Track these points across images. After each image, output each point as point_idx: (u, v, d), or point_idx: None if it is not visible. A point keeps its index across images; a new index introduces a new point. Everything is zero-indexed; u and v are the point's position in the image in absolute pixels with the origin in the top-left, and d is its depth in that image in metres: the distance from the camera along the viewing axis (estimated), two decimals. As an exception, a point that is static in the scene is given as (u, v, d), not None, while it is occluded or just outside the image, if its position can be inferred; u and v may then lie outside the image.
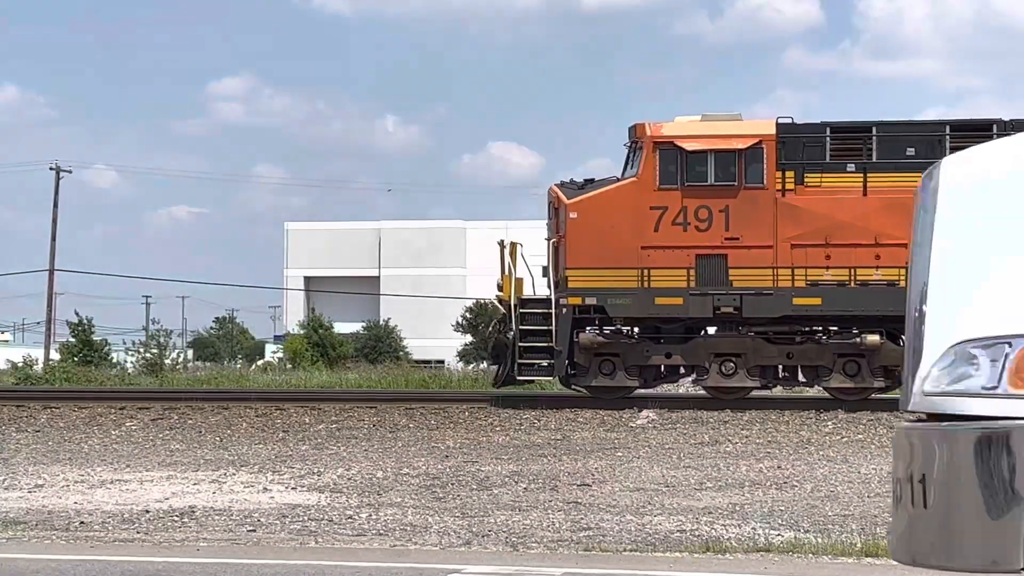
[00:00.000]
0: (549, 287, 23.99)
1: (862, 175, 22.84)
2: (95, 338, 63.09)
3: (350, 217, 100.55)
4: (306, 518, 12.27)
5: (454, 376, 40.30)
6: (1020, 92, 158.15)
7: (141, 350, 54.44)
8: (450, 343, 71.93)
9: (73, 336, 62.99)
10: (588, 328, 23.40)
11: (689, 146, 22.80)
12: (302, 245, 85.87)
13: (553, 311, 23.25)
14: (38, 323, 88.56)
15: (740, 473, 15.84)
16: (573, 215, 23.27)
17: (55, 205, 68.86)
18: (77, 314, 63.22)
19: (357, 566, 9.61)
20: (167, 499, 13.65)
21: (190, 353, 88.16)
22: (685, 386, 33.08)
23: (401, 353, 68.39)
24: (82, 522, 12.10)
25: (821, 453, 18.08)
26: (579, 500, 13.51)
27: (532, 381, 25.63)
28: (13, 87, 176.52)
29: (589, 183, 23.80)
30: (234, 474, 15.80)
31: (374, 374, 42.73)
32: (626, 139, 23.98)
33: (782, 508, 13.03)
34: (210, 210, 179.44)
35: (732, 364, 23.07)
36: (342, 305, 78.64)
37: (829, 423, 21.06)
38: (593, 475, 15.59)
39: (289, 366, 60.18)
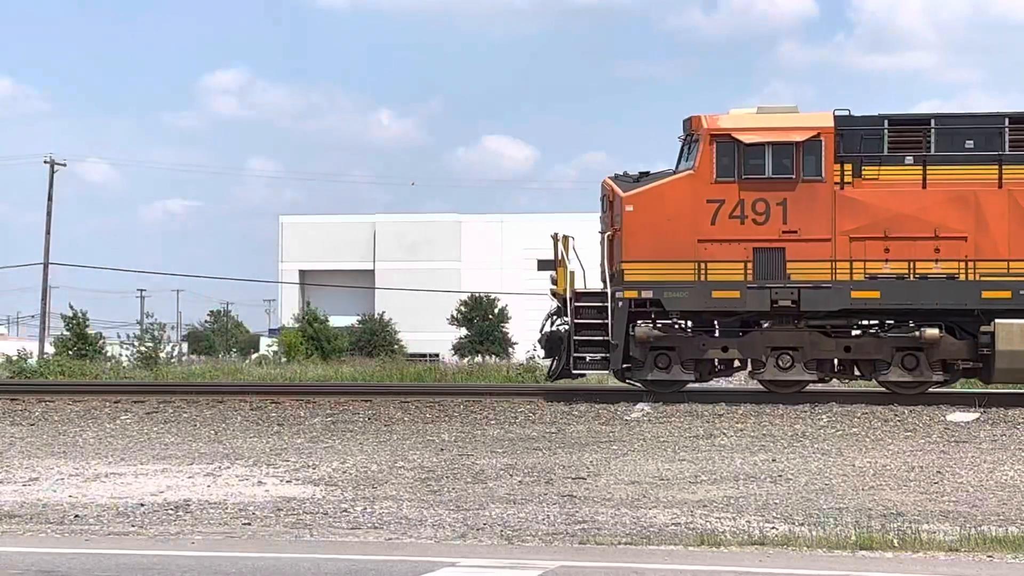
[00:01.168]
0: (604, 280, 23.76)
1: (921, 168, 22.68)
2: (90, 331, 63.03)
3: (345, 211, 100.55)
4: (301, 511, 12.27)
5: (449, 369, 40.32)
6: (1013, 85, 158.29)
7: (136, 343, 54.42)
8: (445, 336, 71.95)
9: (68, 329, 62.93)
10: (643, 321, 23.19)
11: (746, 138, 22.63)
12: (297, 239, 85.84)
13: (609, 305, 22.99)
14: (33, 317, 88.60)
15: (735, 466, 15.86)
16: (629, 208, 23.03)
17: (49, 198, 68.79)
18: (72, 307, 63.19)
19: (352, 559, 9.61)
20: (162, 492, 13.64)
21: (185, 346, 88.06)
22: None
23: (396, 346, 68.41)
24: (77, 515, 12.09)
25: (816, 446, 18.10)
26: (574, 493, 13.52)
27: (584, 375, 25.30)
28: (6, 80, 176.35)
29: (644, 176, 23.59)
30: (229, 467, 15.79)
31: (369, 367, 42.71)
32: (680, 132, 23.76)
33: (777, 501, 13.04)
34: (204, 203, 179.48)
35: (789, 358, 22.85)
36: (337, 299, 78.64)
37: (823, 416, 21.07)
38: (588, 468, 15.59)
39: (284, 359, 60.19)
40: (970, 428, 20.11)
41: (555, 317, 24.19)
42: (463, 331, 71.45)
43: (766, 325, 23.35)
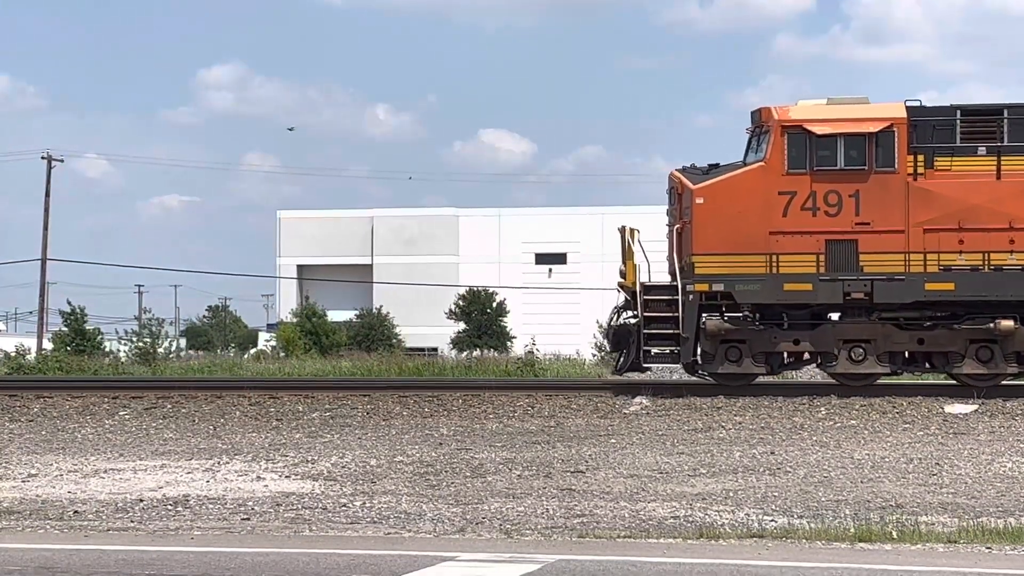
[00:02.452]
0: (672, 273, 23.48)
1: (995, 158, 22.49)
2: (88, 327, 63.03)
3: (342, 205, 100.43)
4: (300, 506, 12.28)
5: (447, 364, 40.30)
6: (1009, 77, 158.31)
7: (134, 339, 54.41)
8: (443, 331, 71.88)
9: (66, 325, 62.93)
10: (713, 314, 22.91)
11: (818, 130, 22.47)
12: (295, 233, 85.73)
13: (680, 298, 22.79)
14: (31, 312, 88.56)
15: (733, 459, 15.87)
16: (699, 200, 22.89)
17: (47, 194, 68.74)
18: (70, 303, 63.20)
19: (351, 554, 9.62)
20: (161, 488, 13.65)
21: (183, 342, 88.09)
22: (678, 372, 33.06)
23: (394, 341, 68.33)
24: (76, 511, 12.10)
25: (814, 439, 18.11)
26: (573, 487, 13.53)
27: (650, 368, 25.02)
28: (3, 76, 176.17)
29: (714, 168, 23.42)
30: (228, 463, 15.80)
31: (367, 362, 42.70)
32: (748, 123, 23.62)
33: (775, 494, 13.05)
34: (202, 199, 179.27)
35: (861, 350, 22.67)
36: (335, 293, 78.57)
37: (822, 409, 21.08)
38: (587, 462, 15.60)
39: (282, 354, 60.15)
40: (968, 420, 20.12)
41: (622, 310, 23.97)
42: (461, 325, 71.40)
43: (835, 317, 23.17)
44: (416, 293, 75.90)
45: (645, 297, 23.12)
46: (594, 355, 55.97)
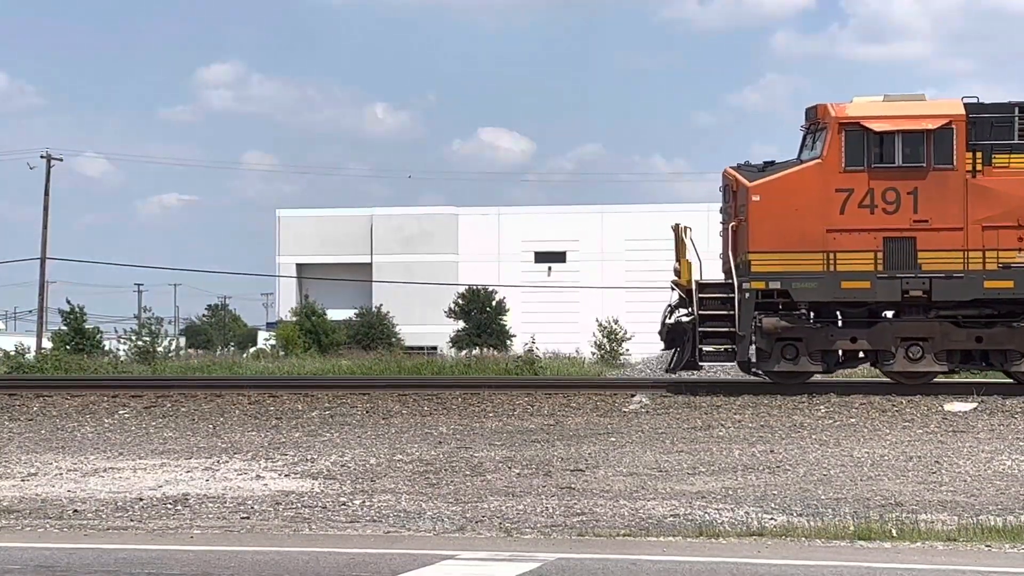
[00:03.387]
0: (726, 271, 23.36)
1: None
2: (87, 326, 63.06)
3: (341, 204, 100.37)
4: (300, 505, 12.28)
5: (447, 362, 40.32)
6: (1007, 75, 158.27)
7: (133, 338, 54.44)
8: (443, 329, 71.91)
9: (65, 324, 62.96)
10: (770, 312, 22.78)
11: (876, 127, 22.38)
12: (294, 232, 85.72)
13: (736, 296, 22.68)
14: (30, 311, 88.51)
15: (733, 457, 15.87)
16: (756, 198, 22.76)
17: (46, 193, 68.73)
18: (69, 302, 63.24)
19: (351, 552, 9.62)
20: (160, 487, 13.65)
21: (182, 341, 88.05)
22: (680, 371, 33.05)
23: (394, 339, 68.35)
24: (75, 510, 12.10)
25: (814, 437, 18.11)
26: (572, 485, 13.53)
27: (701, 367, 24.64)
28: (1, 75, 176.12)
29: (769, 165, 23.31)
30: (227, 461, 15.80)
31: (367, 361, 42.75)
32: (802, 121, 23.57)
33: (775, 492, 13.05)
34: (201, 197, 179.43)
35: (919, 348, 22.62)
36: (334, 292, 78.58)
37: (822, 407, 21.08)
38: (586, 460, 15.60)
39: (282, 353, 60.20)
40: (968, 418, 20.13)
41: (675, 309, 23.86)
42: (461, 324, 71.41)
43: (891, 315, 23.04)
44: (415, 292, 75.94)
45: (700, 295, 22.97)
46: (593, 353, 56.02)
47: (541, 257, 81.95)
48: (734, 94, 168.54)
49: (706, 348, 22.98)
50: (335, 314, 72.16)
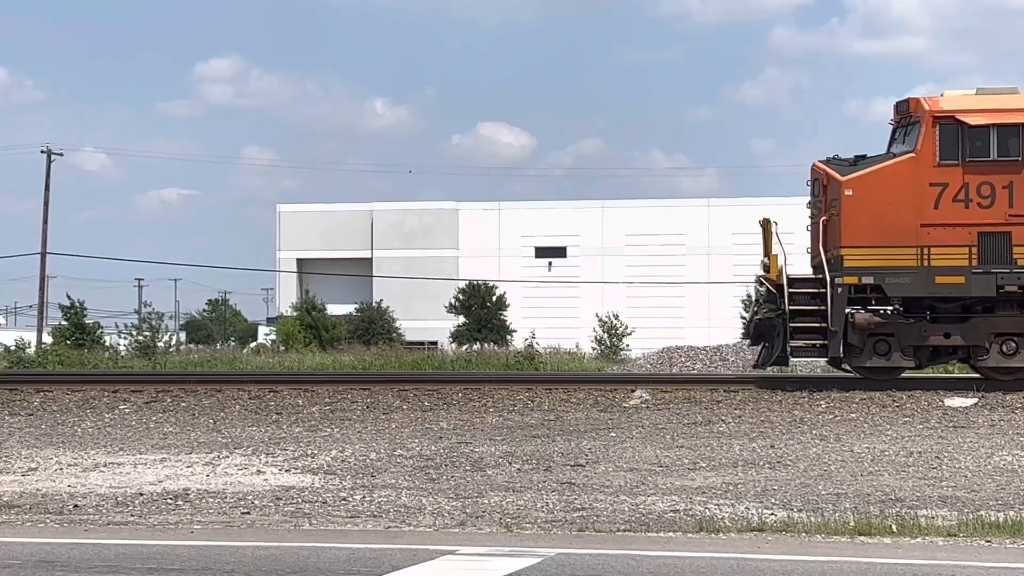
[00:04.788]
0: (814, 266, 23.08)
1: None
2: (87, 321, 63.08)
3: (341, 199, 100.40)
4: (300, 500, 12.28)
5: (447, 357, 40.33)
6: (1007, 71, 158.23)
7: (134, 333, 54.46)
8: (443, 324, 71.90)
9: (65, 319, 62.96)
10: (861, 308, 22.57)
11: (971, 120, 22.17)
12: (294, 227, 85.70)
13: (828, 291, 22.45)
14: (30, 306, 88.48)
15: (733, 453, 15.87)
16: (848, 192, 22.53)
17: (47, 188, 68.75)
18: (69, 297, 63.25)
19: (351, 548, 9.62)
20: (161, 482, 13.65)
21: (183, 336, 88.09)
22: (678, 367, 33.06)
23: (394, 335, 68.36)
24: (76, 505, 12.10)
25: (814, 432, 18.11)
26: (573, 481, 13.53)
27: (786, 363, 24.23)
28: (1, 70, 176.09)
29: (860, 159, 23.08)
30: (228, 457, 15.80)
31: (367, 356, 42.75)
32: (891, 115, 23.39)
33: (775, 487, 13.05)
34: (201, 192, 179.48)
35: (1014, 344, 22.42)
36: (335, 287, 78.59)
37: (822, 402, 21.08)
38: (587, 455, 15.60)
39: (282, 348, 60.21)
40: (968, 413, 20.12)
41: (762, 304, 23.68)
42: (461, 319, 71.41)
43: (981, 310, 22.83)
44: (416, 287, 75.96)
45: (791, 290, 22.74)
46: (593, 349, 56.07)
47: (541, 252, 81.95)
48: (734, 89, 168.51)
49: (796, 344, 22.72)
50: (335, 309, 72.19)
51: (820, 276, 22.81)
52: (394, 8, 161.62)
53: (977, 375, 23.54)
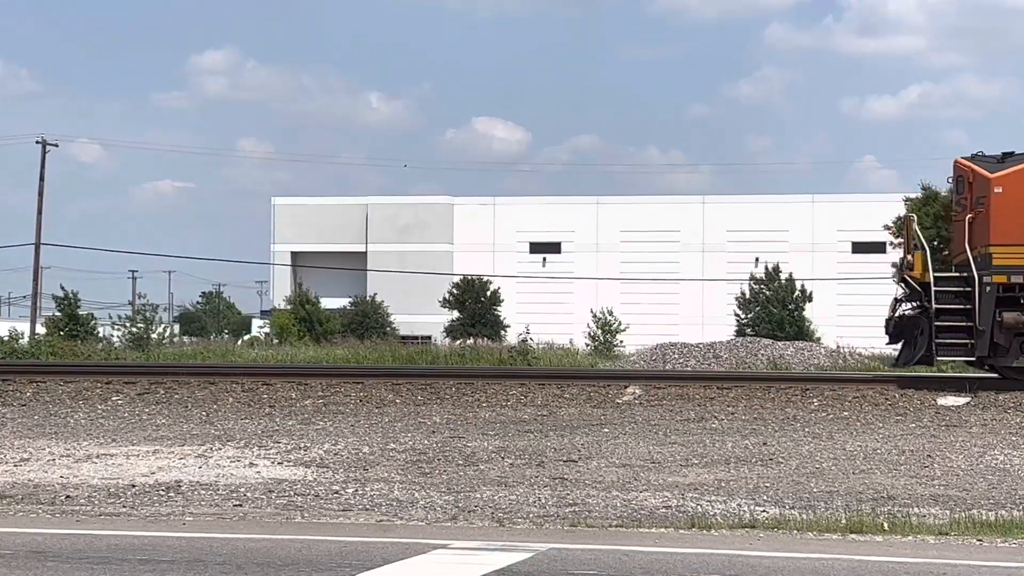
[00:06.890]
0: (968, 264, 22.50)
1: None
2: (81, 312, 63.01)
3: (336, 192, 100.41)
4: (292, 493, 12.28)
5: (441, 352, 40.31)
6: (1002, 70, 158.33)
7: (127, 324, 54.39)
8: (437, 319, 71.87)
9: (59, 310, 62.88)
10: (1010, 307, 22.05)
11: None
12: (289, 220, 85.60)
13: (976, 290, 22.06)
14: (24, 297, 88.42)
15: (726, 450, 15.88)
16: (998, 190, 22.16)
17: (41, 178, 68.63)
18: (63, 288, 63.18)
19: (343, 541, 9.62)
20: (153, 474, 13.64)
21: (176, 328, 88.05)
22: (671, 364, 33.10)
23: (388, 329, 68.34)
24: (68, 496, 12.09)
25: (807, 430, 18.13)
26: (565, 476, 13.53)
27: (941, 361, 24.22)
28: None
29: (1009, 156, 22.66)
30: (220, 449, 15.79)
31: (361, 349, 42.73)
32: None
33: (767, 484, 13.06)
34: (196, 184, 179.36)
35: None
36: (329, 280, 78.53)
37: (815, 400, 21.10)
38: (579, 451, 15.61)
39: (276, 341, 60.17)
40: (960, 412, 20.15)
41: (902, 302, 23.32)
42: (455, 314, 71.38)
43: None
44: (410, 281, 75.88)
45: (937, 288, 22.39)
46: (587, 344, 56.03)
47: (536, 247, 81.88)
48: (729, 86, 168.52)
49: (942, 342, 22.33)
50: (329, 302, 72.12)
51: (965, 274, 22.47)
52: (390, 1, 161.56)
53: (971, 374, 23.58)
